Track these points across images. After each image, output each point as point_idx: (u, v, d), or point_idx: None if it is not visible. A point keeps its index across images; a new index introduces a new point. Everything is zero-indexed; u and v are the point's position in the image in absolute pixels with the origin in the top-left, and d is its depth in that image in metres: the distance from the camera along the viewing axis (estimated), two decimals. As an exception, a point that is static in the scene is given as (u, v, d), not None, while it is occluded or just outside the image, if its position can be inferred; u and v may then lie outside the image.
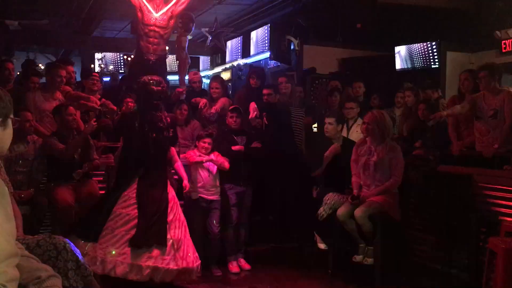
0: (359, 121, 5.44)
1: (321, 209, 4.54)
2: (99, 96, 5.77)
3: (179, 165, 4.74)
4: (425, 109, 5.38)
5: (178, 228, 4.10)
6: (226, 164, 4.82)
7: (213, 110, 5.56)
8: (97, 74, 5.82)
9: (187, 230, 4.22)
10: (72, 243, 2.19)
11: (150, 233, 3.91)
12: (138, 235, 3.87)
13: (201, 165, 4.82)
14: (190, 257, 4.05)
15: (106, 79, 10.96)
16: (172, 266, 3.90)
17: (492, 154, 4.47)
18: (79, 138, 4.46)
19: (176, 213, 4.17)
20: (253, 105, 5.45)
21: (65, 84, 5.39)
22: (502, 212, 4.03)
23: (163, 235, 3.96)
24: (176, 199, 4.31)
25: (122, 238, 3.88)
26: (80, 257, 2.17)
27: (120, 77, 10.35)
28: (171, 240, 3.98)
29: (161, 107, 4.29)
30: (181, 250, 4.01)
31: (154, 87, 4.21)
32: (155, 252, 3.88)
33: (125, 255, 3.81)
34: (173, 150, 4.75)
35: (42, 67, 7.98)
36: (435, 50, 7.83)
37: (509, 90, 4.69)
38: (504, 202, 4.05)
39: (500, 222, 3.80)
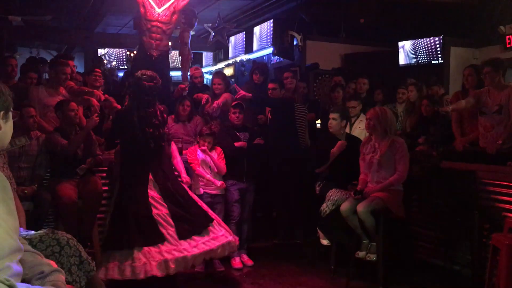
0: (362, 117, 5.45)
1: (324, 205, 4.53)
2: (102, 92, 5.77)
3: (178, 161, 4.75)
4: (427, 104, 5.37)
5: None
6: (222, 170, 4.84)
7: (215, 105, 5.57)
8: (99, 70, 5.81)
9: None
10: (74, 239, 2.19)
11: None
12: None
13: (204, 161, 4.83)
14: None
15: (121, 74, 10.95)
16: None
17: (496, 150, 4.45)
18: (81, 133, 4.47)
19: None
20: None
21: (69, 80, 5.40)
22: (506, 209, 4.02)
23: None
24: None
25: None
26: (83, 252, 2.18)
27: (118, 73, 10.36)
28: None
29: (154, 103, 4.19)
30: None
31: (146, 82, 4.12)
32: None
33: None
34: (173, 145, 4.76)
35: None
36: (439, 46, 7.78)
37: None
38: (507, 199, 4.04)
39: (504, 218, 3.79)
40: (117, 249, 3.72)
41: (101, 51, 11.49)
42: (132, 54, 10.70)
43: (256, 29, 9.77)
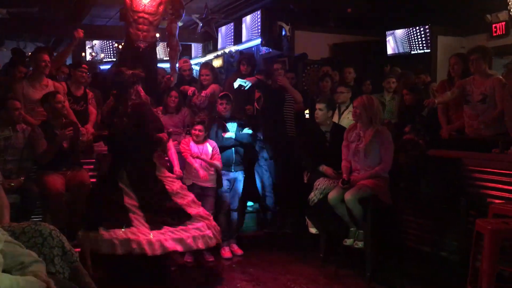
0: (351, 107, 5.45)
1: (312, 194, 4.55)
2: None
3: (172, 153, 4.75)
4: (408, 93, 5.39)
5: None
6: (218, 164, 4.87)
7: (203, 94, 5.55)
8: (86, 66, 5.72)
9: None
10: (57, 230, 2.19)
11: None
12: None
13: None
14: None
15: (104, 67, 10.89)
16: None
17: (479, 137, 4.51)
18: (52, 147, 4.35)
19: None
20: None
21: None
22: (491, 195, 4.07)
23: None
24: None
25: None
26: (66, 243, 2.18)
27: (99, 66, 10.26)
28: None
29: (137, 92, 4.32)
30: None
31: (125, 71, 4.26)
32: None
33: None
34: (166, 137, 4.75)
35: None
36: (426, 34, 7.81)
37: (499, 76, 4.69)
38: (492, 185, 4.09)
39: (489, 204, 3.83)
40: (88, 229, 3.89)
41: (88, 43, 11.41)
42: (120, 46, 10.62)
43: (245, 20, 9.73)
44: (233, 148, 5.03)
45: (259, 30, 8.92)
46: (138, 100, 4.44)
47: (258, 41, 9.04)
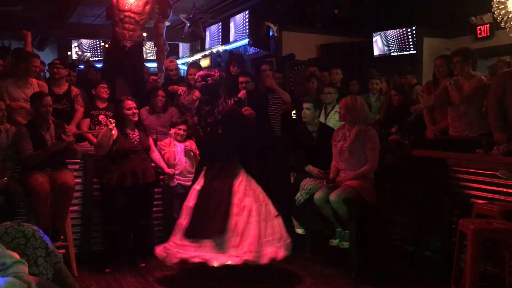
0: (337, 108, 5.48)
1: (298, 194, 4.57)
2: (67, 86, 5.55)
3: (156, 155, 4.73)
4: (396, 94, 5.45)
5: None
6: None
7: (194, 98, 5.53)
8: (58, 62, 5.62)
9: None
10: (41, 231, 2.17)
11: None
12: None
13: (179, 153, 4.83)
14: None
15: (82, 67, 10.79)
16: None
17: (463, 138, 4.58)
18: (42, 153, 4.26)
19: None
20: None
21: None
22: (474, 195, 4.12)
23: None
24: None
25: None
26: (49, 244, 2.16)
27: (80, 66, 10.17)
28: None
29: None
30: None
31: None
32: None
33: None
34: (150, 139, 4.74)
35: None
36: (411, 36, 7.89)
37: (481, 77, 4.76)
38: (476, 185, 4.14)
39: (472, 204, 3.88)
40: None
41: (75, 42, 11.31)
42: (106, 45, 10.55)
43: (232, 20, 9.73)
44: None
45: (247, 30, 8.93)
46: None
47: (246, 41, 9.05)
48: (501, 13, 6.71)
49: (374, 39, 8.38)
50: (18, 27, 10.56)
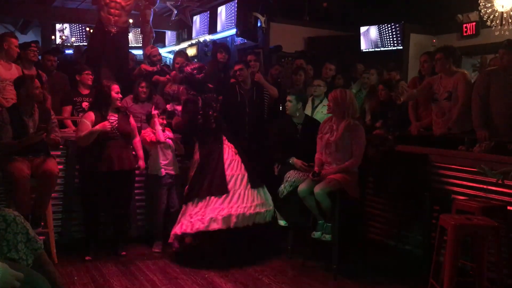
0: (325, 101, 5.48)
1: (282, 186, 4.57)
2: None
3: (137, 141, 4.70)
4: (383, 89, 5.47)
5: None
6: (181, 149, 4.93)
7: (181, 89, 5.48)
8: (34, 45, 5.51)
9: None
10: (22, 216, 2.14)
11: None
12: None
13: (164, 143, 4.80)
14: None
15: (69, 51, 10.62)
16: None
17: (445, 134, 4.62)
18: (18, 143, 4.15)
19: None
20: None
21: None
22: (455, 191, 4.18)
23: None
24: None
25: None
26: (30, 230, 2.13)
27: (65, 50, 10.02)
28: None
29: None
30: None
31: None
32: None
33: None
34: (134, 124, 4.70)
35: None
36: (399, 32, 7.93)
37: (464, 72, 4.79)
38: (457, 181, 4.20)
39: (453, 200, 3.94)
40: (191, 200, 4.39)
41: (59, 26, 11.11)
42: (92, 30, 10.39)
43: (220, 9, 9.66)
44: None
45: (235, 20, 8.87)
46: None
47: (233, 31, 9.00)
48: (487, 11, 6.79)
49: (361, 33, 8.40)
50: (1, 10, 10.41)
